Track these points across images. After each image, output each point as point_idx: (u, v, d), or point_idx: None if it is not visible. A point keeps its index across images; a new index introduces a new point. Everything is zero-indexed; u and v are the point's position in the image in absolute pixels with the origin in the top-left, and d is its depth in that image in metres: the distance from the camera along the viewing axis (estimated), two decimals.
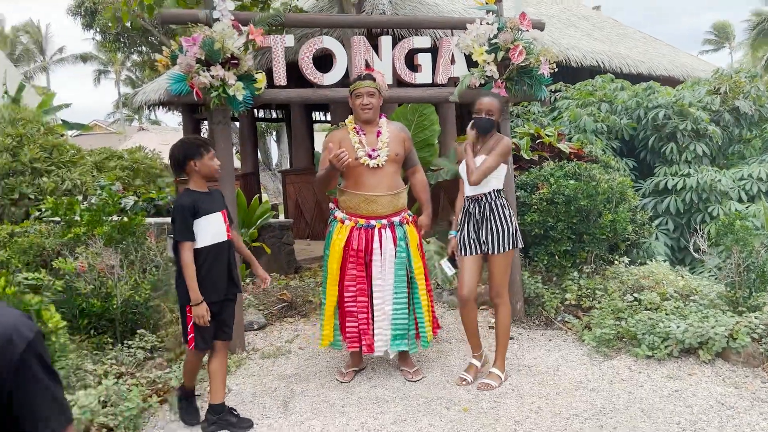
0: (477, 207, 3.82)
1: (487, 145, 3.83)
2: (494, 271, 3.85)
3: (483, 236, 3.80)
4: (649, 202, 6.36)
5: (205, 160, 3.25)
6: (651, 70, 11.10)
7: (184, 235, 3.19)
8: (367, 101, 3.82)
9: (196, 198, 3.26)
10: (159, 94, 10.92)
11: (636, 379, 3.82)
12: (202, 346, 3.31)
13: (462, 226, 3.93)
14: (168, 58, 4.13)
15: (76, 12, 17.68)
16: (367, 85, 3.82)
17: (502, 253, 3.80)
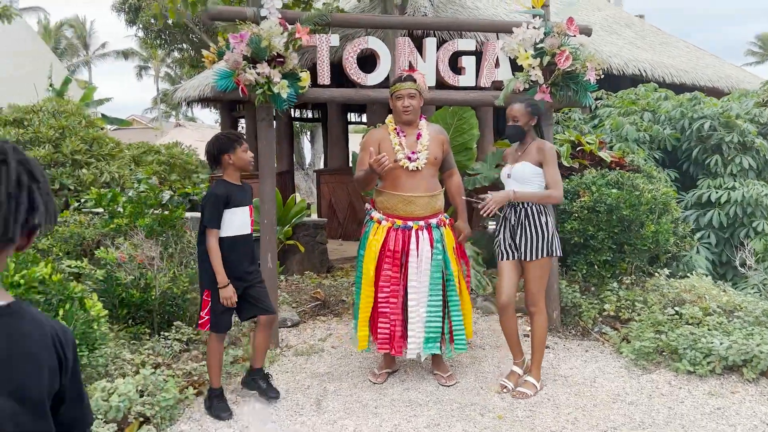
0: (513, 212, 3.79)
1: (528, 151, 3.79)
2: (529, 278, 3.80)
3: (518, 242, 3.77)
4: (691, 215, 6.21)
5: (238, 153, 3.41)
6: (695, 81, 10.88)
7: (213, 222, 3.36)
8: (408, 103, 3.81)
9: (230, 189, 3.44)
10: (198, 90, 11.07)
11: (676, 395, 3.73)
12: (219, 329, 3.47)
13: (499, 231, 3.90)
14: (215, 54, 4.18)
15: (120, 8, 18.04)
16: (409, 86, 3.80)
17: (537, 260, 3.75)
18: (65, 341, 1.14)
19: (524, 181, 3.76)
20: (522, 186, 3.76)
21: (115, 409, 3.16)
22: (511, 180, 3.79)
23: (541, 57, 4.48)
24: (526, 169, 3.75)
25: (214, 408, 3.48)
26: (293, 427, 3.38)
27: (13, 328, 1.05)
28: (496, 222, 3.98)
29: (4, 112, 10.83)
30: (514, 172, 3.78)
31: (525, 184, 3.76)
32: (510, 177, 3.80)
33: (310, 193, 21.35)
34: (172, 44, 19.04)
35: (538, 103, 3.91)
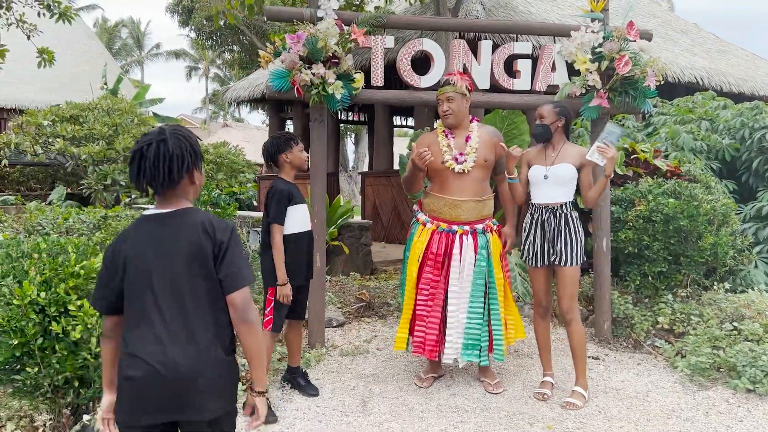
0: (553, 217, 3.69)
1: (565, 153, 3.70)
2: (566, 284, 3.70)
3: (557, 247, 3.67)
4: (750, 228, 6.00)
5: (294, 152, 3.54)
6: (754, 90, 10.53)
7: (279, 218, 3.43)
8: (447, 107, 3.78)
9: (291, 186, 3.52)
10: (248, 91, 11.24)
11: (735, 413, 3.59)
12: (277, 329, 3.55)
13: (531, 235, 3.79)
14: (271, 54, 4.22)
15: (174, 9, 18.48)
16: (447, 90, 3.77)
17: (574, 266, 3.68)
18: (214, 226, 1.85)
19: (563, 183, 3.67)
20: (561, 187, 3.67)
21: None
22: (548, 181, 3.68)
23: (599, 61, 4.38)
24: (568, 170, 3.66)
25: (305, 388, 3.72)
26: (339, 428, 3.37)
27: (179, 223, 1.85)
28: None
29: (61, 109, 11.18)
30: (552, 173, 3.67)
31: (563, 185, 3.68)
32: (547, 178, 3.69)
33: (352, 195, 21.46)
34: (222, 45, 19.41)
35: (567, 106, 3.82)
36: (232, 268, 1.82)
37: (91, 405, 3.15)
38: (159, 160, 1.80)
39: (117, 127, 11.25)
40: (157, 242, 1.83)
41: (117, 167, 10.70)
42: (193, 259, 1.81)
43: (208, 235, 1.83)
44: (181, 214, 1.86)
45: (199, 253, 1.81)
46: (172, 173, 1.82)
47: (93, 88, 15.75)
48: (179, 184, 1.86)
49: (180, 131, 1.88)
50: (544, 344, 3.94)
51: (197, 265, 1.81)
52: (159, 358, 1.75)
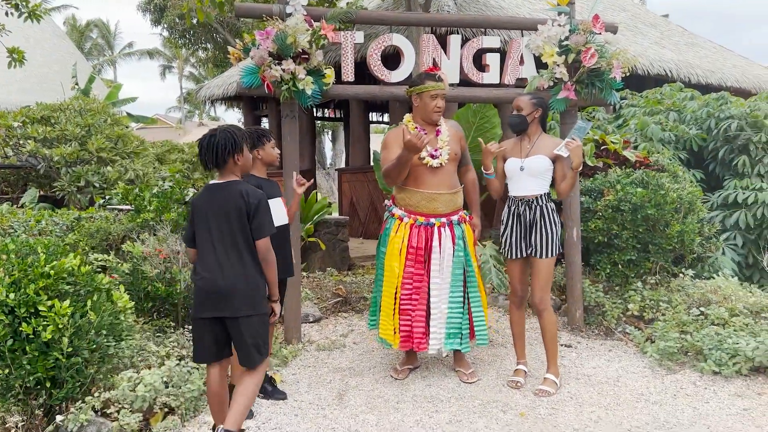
0: (528, 209, 3.75)
1: (541, 145, 3.75)
2: (540, 275, 3.76)
3: (532, 239, 3.74)
4: (717, 216, 6.13)
5: (267, 148, 3.52)
6: (721, 81, 10.73)
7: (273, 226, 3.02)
8: (441, 104, 3.81)
9: (260, 182, 3.46)
10: (222, 89, 11.18)
11: (701, 395, 3.69)
12: None
13: (508, 227, 3.85)
14: (241, 51, 4.22)
15: (146, 8, 18.27)
16: (442, 87, 3.79)
17: (549, 257, 3.74)
18: (249, 194, 2.77)
19: (537, 175, 3.72)
20: (536, 179, 3.73)
21: (141, 398, 3.21)
22: (524, 173, 3.73)
23: (566, 54, 4.45)
24: (542, 162, 3.71)
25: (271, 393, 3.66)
26: (316, 421, 3.40)
27: (227, 190, 2.78)
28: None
29: (31, 110, 11.02)
30: (527, 165, 3.72)
31: (538, 177, 3.73)
32: (523, 170, 3.73)
33: (330, 192, 21.44)
34: (196, 44, 19.24)
35: (543, 97, 3.87)
36: (257, 223, 2.78)
37: (64, 405, 3.15)
38: (210, 149, 2.78)
39: (90, 128, 11.11)
40: (212, 203, 2.80)
41: (91, 168, 10.56)
42: (234, 215, 2.76)
43: (245, 200, 2.76)
44: (227, 185, 2.82)
45: (239, 211, 2.75)
46: (218, 157, 2.78)
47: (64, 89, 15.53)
48: (226, 165, 2.82)
49: (228, 129, 2.83)
50: (518, 334, 4.01)
51: (236, 220, 2.76)
52: (211, 276, 2.76)
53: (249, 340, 2.81)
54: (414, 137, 3.42)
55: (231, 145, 2.79)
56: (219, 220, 2.77)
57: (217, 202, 2.77)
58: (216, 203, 2.77)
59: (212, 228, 2.78)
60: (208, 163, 2.78)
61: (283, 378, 3.99)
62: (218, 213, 2.76)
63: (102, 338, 3.26)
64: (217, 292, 2.76)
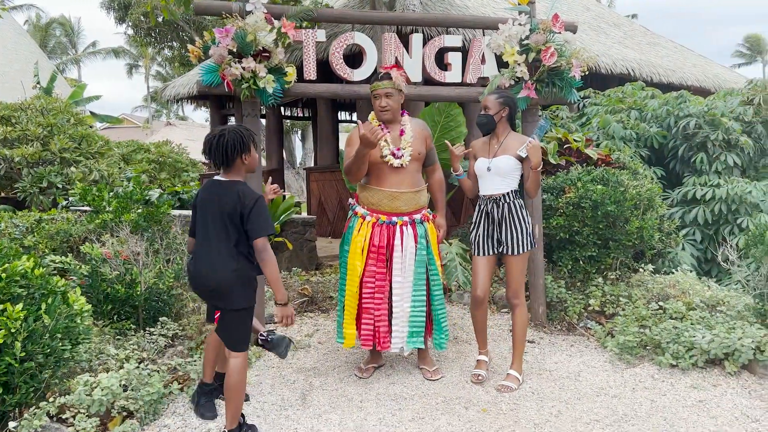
0: (496, 207, 3.79)
1: (508, 145, 3.79)
2: (513, 271, 3.82)
3: (502, 237, 3.78)
4: (677, 212, 6.26)
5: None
6: (682, 80, 10.95)
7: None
8: (385, 103, 3.78)
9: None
10: (188, 88, 11.05)
11: (659, 388, 3.76)
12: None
13: (477, 225, 3.88)
14: (200, 49, 4.17)
15: (110, 6, 17.96)
16: (385, 85, 3.76)
17: (521, 254, 3.78)
18: (244, 195, 2.86)
19: (505, 175, 3.76)
20: (503, 178, 3.77)
21: (97, 403, 3.15)
22: (491, 173, 3.77)
23: (527, 53, 4.50)
24: (508, 162, 3.75)
25: (200, 406, 3.44)
26: (278, 422, 3.38)
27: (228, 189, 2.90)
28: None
29: None
30: (494, 165, 3.76)
31: (505, 177, 3.77)
32: (490, 170, 3.77)
33: (301, 191, 21.35)
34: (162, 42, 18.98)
35: (511, 95, 3.90)
36: (252, 223, 2.84)
37: (17, 411, 3.08)
38: (219, 148, 2.88)
39: (52, 128, 10.88)
40: (213, 198, 2.93)
41: (53, 169, 10.36)
42: (229, 214, 2.86)
43: (240, 201, 2.84)
44: (229, 184, 2.92)
45: (233, 211, 2.85)
46: (227, 156, 2.89)
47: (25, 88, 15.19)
48: (234, 164, 2.93)
49: (237, 128, 2.92)
50: (480, 328, 4.03)
51: (230, 218, 2.87)
52: (200, 266, 2.93)
53: (224, 332, 2.98)
54: (368, 132, 3.41)
55: (240, 144, 2.89)
56: (215, 216, 2.89)
57: (217, 198, 2.90)
58: (215, 199, 2.90)
59: (209, 222, 2.92)
60: (216, 161, 2.89)
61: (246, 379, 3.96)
62: (215, 209, 2.89)
63: (57, 342, 3.19)
64: (204, 283, 2.93)
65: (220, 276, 2.89)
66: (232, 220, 2.86)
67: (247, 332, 3.02)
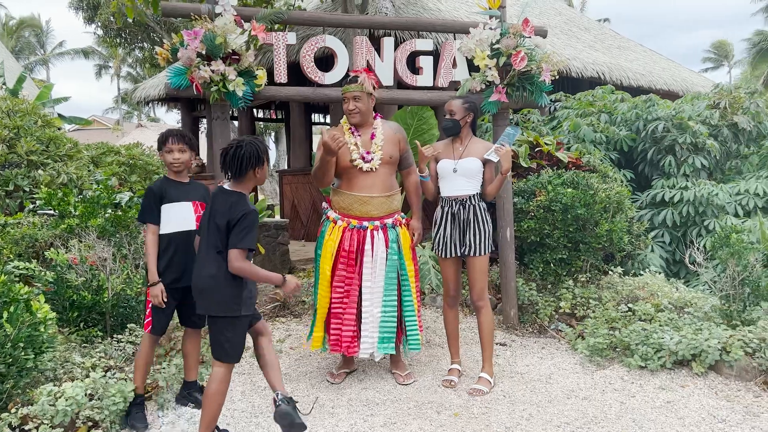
0: (462, 209, 3.81)
1: (472, 148, 3.83)
2: (477, 273, 3.84)
3: (467, 238, 3.80)
4: (646, 214, 6.35)
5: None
6: (651, 84, 11.13)
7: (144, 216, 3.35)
8: (353, 106, 3.77)
9: (165, 184, 3.41)
10: (159, 89, 10.91)
11: (628, 390, 3.80)
12: (156, 331, 3.40)
13: (442, 227, 3.89)
14: (168, 52, 4.11)
15: (78, 6, 17.65)
16: (353, 89, 3.75)
17: (483, 255, 3.82)
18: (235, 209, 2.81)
19: (471, 176, 3.80)
20: (469, 180, 3.79)
21: (62, 413, 3.08)
22: (457, 175, 3.80)
23: (497, 57, 4.52)
24: (475, 164, 3.78)
25: (131, 417, 3.31)
26: (248, 429, 3.34)
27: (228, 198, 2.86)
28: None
29: None
30: (460, 166, 3.79)
31: (471, 179, 3.80)
32: (456, 172, 3.80)
33: (274, 194, 21.21)
34: (132, 43, 18.71)
35: (475, 101, 3.95)
36: (233, 236, 2.83)
37: None
38: (234, 158, 2.86)
39: (19, 130, 10.64)
40: (215, 206, 2.92)
41: (20, 172, 10.11)
42: (222, 222, 2.85)
43: (231, 212, 2.84)
44: (231, 194, 2.90)
45: (226, 220, 2.85)
46: (241, 167, 2.87)
47: None
48: (245, 175, 2.91)
49: (254, 141, 2.92)
50: (452, 333, 4.05)
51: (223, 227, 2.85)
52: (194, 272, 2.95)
53: (212, 336, 2.97)
54: (330, 139, 3.42)
55: (255, 158, 2.89)
56: (212, 223, 2.91)
57: (218, 205, 2.90)
58: (217, 206, 2.91)
59: (208, 227, 2.94)
60: (230, 171, 2.88)
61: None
62: (214, 216, 2.89)
63: (19, 351, 3.11)
64: (195, 287, 2.95)
65: (211, 284, 2.89)
66: (225, 228, 2.85)
67: (231, 345, 2.96)
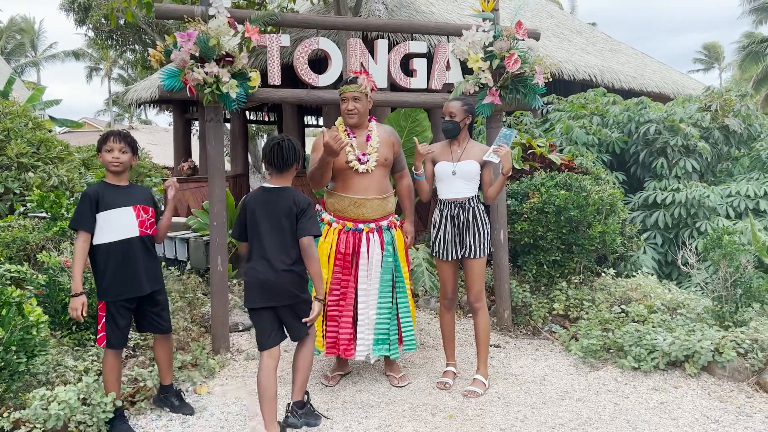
0: (462, 212, 3.81)
1: (470, 150, 3.84)
2: (475, 275, 3.84)
3: (466, 240, 3.80)
4: (638, 216, 6.38)
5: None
6: (642, 86, 11.19)
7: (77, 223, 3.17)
8: (352, 106, 3.78)
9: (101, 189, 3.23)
10: (151, 92, 10.87)
11: (622, 391, 3.81)
12: (112, 345, 3.24)
13: (441, 229, 3.88)
14: (162, 54, 4.10)
15: (69, 8, 17.55)
16: (353, 89, 3.76)
17: (482, 257, 3.83)
18: (298, 201, 3.09)
19: (470, 178, 3.80)
20: (468, 182, 3.80)
21: (54, 417, 3.06)
22: (456, 177, 3.80)
23: (491, 60, 4.53)
24: (473, 166, 3.79)
25: (115, 429, 3.24)
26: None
27: (279, 195, 3.11)
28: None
29: None
30: (459, 169, 3.79)
31: (470, 181, 3.81)
32: (455, 174, 3.80)
33: None
34: (124, 45, 18.62)
35: (472, 102, 3.95)
36: (302, 224, 3.08)
37: None
38: (280, 154, 3.11)
39: (9, 132, 10.57)
40: (264, 205, 3.11)
41: (10, 174, 10.04)
42: (285, 217, 3.08)
43: (296, 204, 3.09)
44: (280, 190, 3.14)
45: (289, 214, 3.08)
46: (285, 162, 3.11)
47: None
48: (289, 170, 3.16)
49: (291, 138, 3.18)
50: (448, 335, 4.05)
51: (286, 221, 3.08)
52: (261, 271, 3.07)
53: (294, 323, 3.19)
54: (332, 140, 3.40)
55: (296, 153, 3.15)
56: (271, 220, 3.08)
57: (268, 204, 3.09)
58: (267, 206, 3.09)
59: (261, 228, 3.08)
60: (274, 166, 3.13)
61: (210, 389, 3.90)
62: (271, 214, 3.08)
63: (11, 355, 3.09)
64: (268, 284, 3.07)
65: (287, 276, 3.10)
66: (289, 222, 3.09)
67: (258, 331, 3.17)
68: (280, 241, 3.07)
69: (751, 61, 27.00)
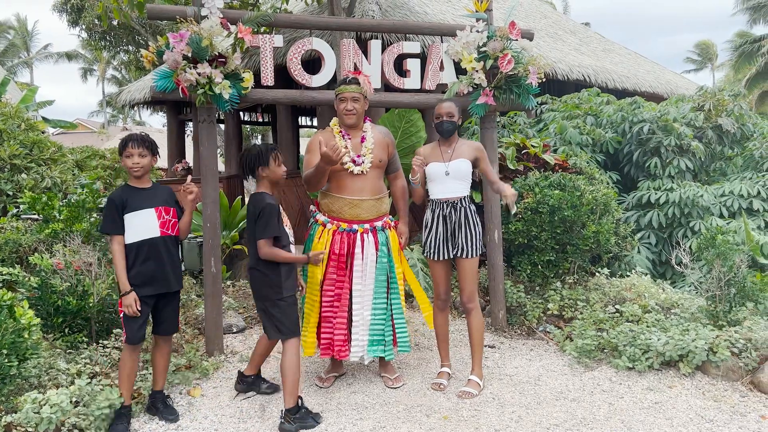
0: (454, 212, 3.81)
1: (460, 149, 3.86)
2: (468, 275, 3.84)
3: (458, 240, 3.80)
4: (632, 216, 6.39)
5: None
6: (636, 86, 11.21)
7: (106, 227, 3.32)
8: (351, 107, 3.77)
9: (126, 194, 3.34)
10: (144, 93, 10.83)
11: (616, 391, 3.81)
12: (131, 341, 3.31)
13: (434, 229, 3.87)
14: (154, 54, 4.08)
15: (62, 9, 17.47)
16: (353, 89, 3.76)
17: (474, 257, 3.83)
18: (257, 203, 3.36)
19: (462, 177, 3.81)
20: (461, 182, 3.80)
21: (46, 420, 3.03)
22: (449, 177, 3.80)
23: (484, 60, 4.52)
24: (465, 165, 3.80)
25: (114, 429, 3.25)
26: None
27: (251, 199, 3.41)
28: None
29: None
30: (452, 168, 3.80)
31: (462, 180, 3.82)
32: (448, 174, 3.80)
33: None
34: (117, 46, 18.55)
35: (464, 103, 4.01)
36: (257, 226, 3.34)
37: None
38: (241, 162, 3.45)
39: (1, 133, 10.52)
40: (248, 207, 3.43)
41: (3, 176, 9.99)
42: (251, 219, 3.39)
43: (254, 207, 3.36)
44: (254, 195, 3.42)
45: (252, 216, 3.37)
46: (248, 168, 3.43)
47: None
48: (256, 175, 3.43)
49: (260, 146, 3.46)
50: (442, 336, 4.04)
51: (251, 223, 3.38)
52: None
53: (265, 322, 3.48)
54: (330, 150, 3.40)
55: (257, 158, 3.39)
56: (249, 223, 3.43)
57: (248, 207, 3.42)
58: (248, 208, 3.42)
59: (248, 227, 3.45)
60: (243, 173, 3.46)
61: (203, 392, 3.88)
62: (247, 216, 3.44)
63: (3, 358, 3.07)
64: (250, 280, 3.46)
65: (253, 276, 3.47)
66: (252, 224, 3.37)
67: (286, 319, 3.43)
68: (251, 242, 3.42)
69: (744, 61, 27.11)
